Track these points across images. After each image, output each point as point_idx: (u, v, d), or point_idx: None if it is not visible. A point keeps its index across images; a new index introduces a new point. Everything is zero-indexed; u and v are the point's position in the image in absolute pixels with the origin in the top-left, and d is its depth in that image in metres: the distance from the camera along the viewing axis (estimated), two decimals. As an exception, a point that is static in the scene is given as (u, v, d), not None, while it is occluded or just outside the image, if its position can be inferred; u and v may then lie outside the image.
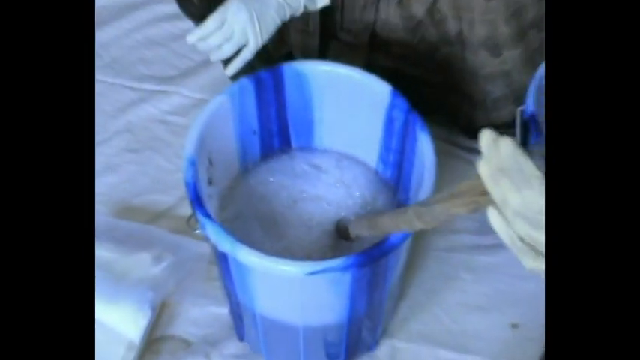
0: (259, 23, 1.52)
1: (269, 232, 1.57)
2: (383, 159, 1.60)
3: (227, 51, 1.54)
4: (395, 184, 1.57)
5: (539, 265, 0.90)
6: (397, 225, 1.31)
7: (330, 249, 1.55)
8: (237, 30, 1.51)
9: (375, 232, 1.39)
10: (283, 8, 1.54)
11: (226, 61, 1.57)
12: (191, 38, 1.52)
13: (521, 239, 0.91)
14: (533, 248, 0.90)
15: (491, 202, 0.95)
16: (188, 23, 1.98)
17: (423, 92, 1.37)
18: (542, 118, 1.53)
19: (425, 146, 1.41)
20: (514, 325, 1.61)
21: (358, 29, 1.79)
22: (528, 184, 0.86)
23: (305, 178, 1.63)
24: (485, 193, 0.97)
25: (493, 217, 0.93)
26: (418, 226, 1.26)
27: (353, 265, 1.26)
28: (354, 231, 1.47)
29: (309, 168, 1.64)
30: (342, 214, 1.58)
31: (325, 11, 1.64)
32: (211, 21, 1.50)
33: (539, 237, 0.87)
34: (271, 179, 1.63)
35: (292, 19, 1.59)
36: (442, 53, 1.70)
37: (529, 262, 0.91)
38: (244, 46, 1.54)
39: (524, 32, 1.71)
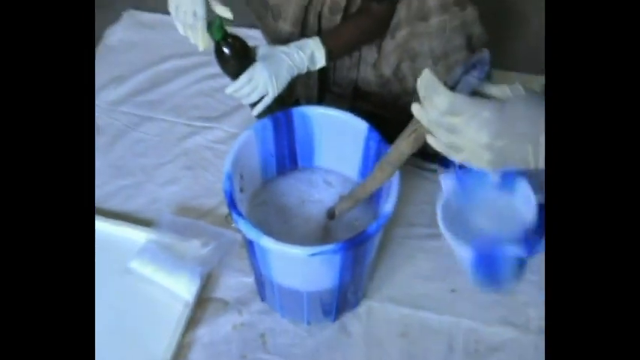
0: (276, 80, 1.53)
1: (281, 221, 1.60)
2: (362, 174, 1.59)
3: (253, 98, 1.54)
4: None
5: (462, 157, 0.87)
6: (367, 190, 1.36)
7: (320, 234, 1.59)
8: (261, 84, 1.52)
9: (355, 202, 1.43)
10: (292, 69, 1.54)
11: (253, 105, 1.58)
12: (229, 90, 1.54)
13: (448, 145, 0.88)
14: (453, 147, 0.87)
15: (423, 128, 0.94)
16: (226, 80, 1.94)
17: (390, 128, 1.40)
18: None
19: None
20: (453, 290, 1.62)
21: (345, 84, 1.82)
22: (437, 93, 0.85)
23: (307, 186, 1.65)
24: (417, 122, 0.99)
25: (428, 137, 0.91)
26: (381, 178, 1.29)
27: (342, 249, 1.31)
28: (338, 209, 1.49)
29: (311, 180, 1.66)
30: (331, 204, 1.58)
31: (322, 71, 1.64)
32: (243, 77, 1.51)
33: (455, 139, 0.85)
34: (284, 188, 1.65)
35: (299, 76, 1.59)
36: (403, 101, 1.68)
37: (456, 157, 0.88)
38: (265, 95, 1.54)
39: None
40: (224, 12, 1.44)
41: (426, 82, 0.86)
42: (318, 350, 1.54)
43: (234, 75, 1.54)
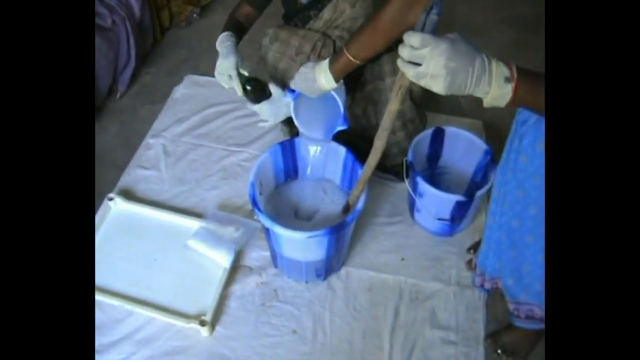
0: (275, 115, 1.50)
1: (287, 212, 1.54)
2: (342, 181, 1.56)
3: (266, 125, 1.55)
4: (347, 191, 1.52)
5: (424, 82, 0.82)
6: (370, 165, 1.25)
7: (311, 223, 1.52)
8: (265, 116, 1.51)
9: (364, 183, 1.32)
10: (288, 106, 1.45)
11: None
12: (253, 108, 1.52)
13: (415, 75, 0.81)
14: (420, 75, 0.81)
15: (404, 77, 0.90)
16: (251, 119, 1.96)
17: (360, 151, 1.36)
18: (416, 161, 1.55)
19: (360, 172, 1.37)
20: (402, 259, 1.57)
21: None
22: (411, 35, 0.80)
23: (307, 190, 1.57)
24: (400, 77, 0.94)
25: (405, 73, 0.84)
26: (380, 146, 1.18)
27: (329, 233, 1.28)
28: (351, 201, 1.39)
29: (309, 185, 1.58)
30: (323, 206, 1.54)
31: None
32: (259, 107, 1.50)
33: (421, 69, 0.80)
34: (289, 191, 1.58)
35: None
36: (369, 133, 1.61)
37: (421, 82, 0.82)
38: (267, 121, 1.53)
39: (406, 126, 1.65)
40: (244, 71, 1.47)
41: (405, 35, 0.81)
42: (313, 300, 1.50)
43: (254, 101, 1.52)
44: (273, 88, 1.49)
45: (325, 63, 1.26)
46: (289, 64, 1.60)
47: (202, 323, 1.38)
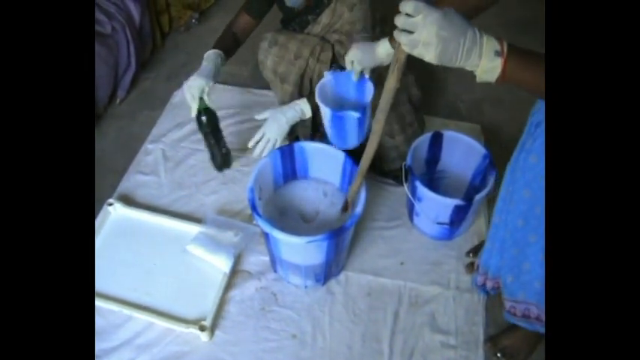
0: (279, 136, 1.50)
1: (284, 215, 1.53)
2: (341, 182, 1.55)
3: (265, 149, 1.50)
4: (345, 192, 1.49)
5: (417, 51, 0.82)
6: (368, 154, 1.24)
7: (308, 225, 1.52)
8: (269, 134, 1.49)
9: (362, 176, 1.33)
10: (289, 120, 1.49)
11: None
12: (250, 144, 1.51)
13: (409, 43, 0.82)
14: (413, 43, 0.82)
15: (400, 50, 0.91)
16: (249, 124, 1.95)
17: (356, 156, 1.37)
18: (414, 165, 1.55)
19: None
20: (401, 263, 1.57)
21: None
22: (405, 3, 0.81)
23: (306, 191, 1.58)
24: (397, 50, 0.94)
25: (400, 42, 0.84)
26: (378, 129, 1.15)
27: (328, 238, 1.28)
28: (350, 197, 1.41)
29: (308, 186, 1.58)
30: (321, 207, 1.55)
31: (313, 118, 1.55)
32: (259, 133, 1.50)
33: (414, 37, 0.81)
34: (287, 194, 1.58)
35: (297, 122, 1.53)
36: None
37: (413, 52, 0.83)
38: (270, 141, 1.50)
39: (405, 130, 1.65)
40: (206, 97, 1.49)
41: (401, 3, 0.82)
42: (313, 304, 1.50)
43: (202, 130, 1.58)
44: (268, 113, 1.52)
45: (384, 39, 1.29)
46: (288, 67, 1.61)
47: (202, 328, 1.38)
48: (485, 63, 0.82)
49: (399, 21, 0.83)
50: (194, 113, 1.51)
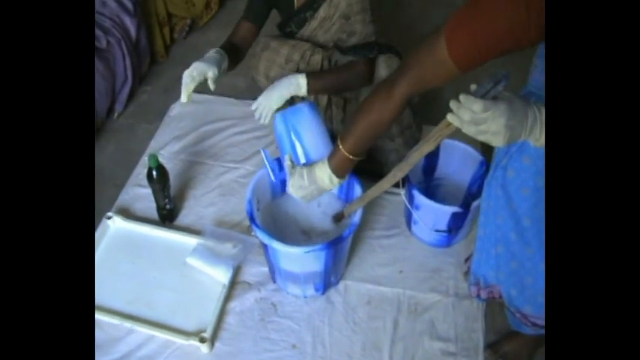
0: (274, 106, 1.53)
1: (282, 224, 1.53)
2: (340, 192, 1.52)
3: (264, 118, 1.56)
4: (345, 201, 1.51)
5: (484, 137, 0.87)
6: (381, 188, 1.26)
7: (309, 235, 1.52)
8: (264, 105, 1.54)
9: (365, 203, 1.34)
10: (282, 99, 1.53)
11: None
12: (253, 106, 1.56)
13: (476, 132, 0.87)
14: (480, 132, 0.87)
15: (451, 127, 0.95)
16: (247, 135, 1.99)
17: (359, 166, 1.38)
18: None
19: (357, 187, 1.43)
20: (400, 272, 1.58)
21: None
22: (474, 102, 0.84)
23: (303, 204, 1.49)
24: (445, 126, 0.98)
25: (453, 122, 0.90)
26: (399, 176, 1.18)
27: (326, 247, 1.30)
28: (347, 212, 1.41)
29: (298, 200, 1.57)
30: (317, 216, 1.54)
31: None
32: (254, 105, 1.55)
33: (481, 127, 0.86)
34: (284, 203, 1.56)
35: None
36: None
37: (481, 138, 0.88)
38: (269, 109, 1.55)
39: (403, 133, 1.68)
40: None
41: (463, 98, 0.87)
42: (312, 314, 1.51)
43: (151, 185, 1.62)
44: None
45: (322, 168, 1.25)
46: (279, 72, 1.63)
47: (202, 340, 1.40)
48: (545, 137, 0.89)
49: (466, 116, 0.86)
50: (184, 98, 1.47)
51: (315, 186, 1.28)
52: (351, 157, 1.20)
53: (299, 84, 1.54)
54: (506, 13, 0.79)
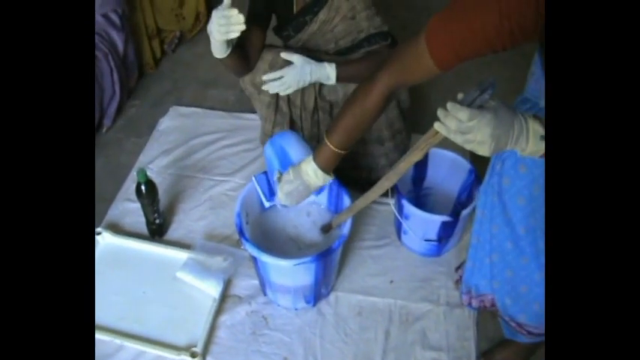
0: (296, 86, 1.54)
1: (271, 236, 1.51)
2: (329, 203, 1.53)
3: (279, 89, 1.55)
4: (334, 212, 1.50)
5: (471, 147, 0.87)
6: (370, 198, 1.26)
7: (295, 247, 1.51)
8: (286, 79, 1.53)
9: (353, 213, 1.34)
10: (311, 80, 1.53)
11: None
12: (265, 77, 1.55)
13: (463, 141, 0.86)
14: (467, 142, 0.86)
15: (438, 135, 0.93)
16: (236, 148, 2.00)
17: (343, 178, 1.37)
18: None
19: (346, 198, 1.44)
20: (391, 282, 1.59)
21: (312, 140, 1.74)
22: (460, 110, 0.84)
23: (289, 212, 1.54)
24: (432, 135, 0.97)
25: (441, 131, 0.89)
26: (387, 186, 1.18)
27: (316, 260, 1.30)
28: (335, 223, 1.42)
29: (295, 210, 1.53)
30: (306, 227, 1.53)
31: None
32: (277, 73, 1.53)
33: (467, 137, 0.86)
34: (273, 216, 1.54)
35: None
36: (357, 160, 1.68)
37: (467, 147, 0.88)
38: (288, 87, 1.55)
39: (394, 137, 1.69)
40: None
41: (450, 106, 0.86)
42: (303, 326, 1.51)
43: (140, 200, 1.62)
44: (294, 57, 1.52)
45: (307, 162, 1.24)
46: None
47: (193, 355, 1.40)
48: (532, 147, 0.89)
49: (452, 124, 0.86)
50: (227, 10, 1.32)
51: (301, 180, 1.25)
52: (336, 149, 1.18)
53: (328, 76, 1.53)
54: (482, 16, 0.80)
